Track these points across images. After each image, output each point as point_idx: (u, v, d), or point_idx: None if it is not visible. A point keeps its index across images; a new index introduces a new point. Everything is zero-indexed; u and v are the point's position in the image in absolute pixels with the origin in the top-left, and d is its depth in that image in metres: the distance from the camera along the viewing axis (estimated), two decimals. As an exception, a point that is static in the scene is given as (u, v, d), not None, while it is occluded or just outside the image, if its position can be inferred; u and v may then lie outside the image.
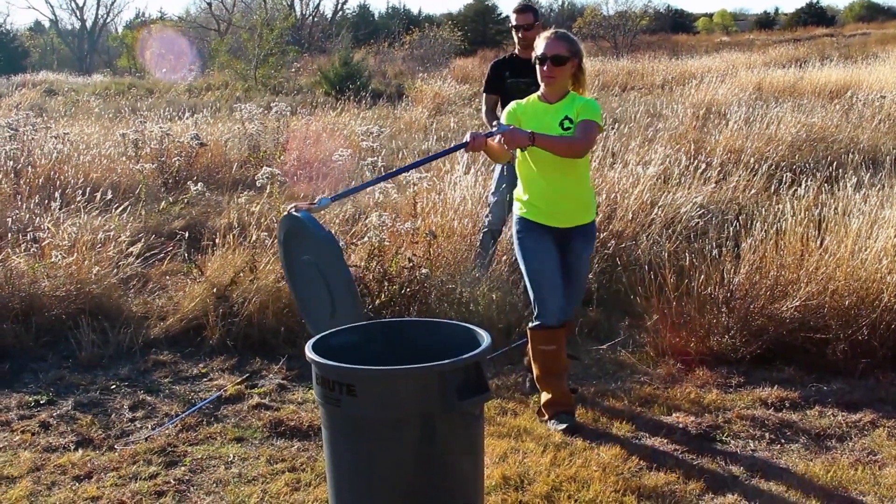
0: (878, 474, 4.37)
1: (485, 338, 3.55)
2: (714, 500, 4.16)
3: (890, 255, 5.89)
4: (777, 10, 71.21)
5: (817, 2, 62.49)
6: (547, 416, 5.01)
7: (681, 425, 4.95)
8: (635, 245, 7.16)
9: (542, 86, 5.02)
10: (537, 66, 4.98)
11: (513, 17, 6.91)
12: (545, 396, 5.04)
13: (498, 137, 4.68)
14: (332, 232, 3.56)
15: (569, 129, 4.87)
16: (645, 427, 4.95)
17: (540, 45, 4.96)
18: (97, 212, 7.79)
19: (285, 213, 3.77)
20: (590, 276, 5.29)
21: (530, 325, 5.05)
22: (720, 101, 15.94)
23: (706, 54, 33.73)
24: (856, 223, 6.23)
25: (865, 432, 4.86)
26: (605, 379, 5.67)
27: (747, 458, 4.57)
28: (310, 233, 3.92)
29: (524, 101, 5.12)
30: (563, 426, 4.87)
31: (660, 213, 7.70)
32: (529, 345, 5.10)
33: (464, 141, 4.72)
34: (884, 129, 12.84)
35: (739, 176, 9.11)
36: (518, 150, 4.98)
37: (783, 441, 4.76)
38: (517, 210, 5.09)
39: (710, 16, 69.24)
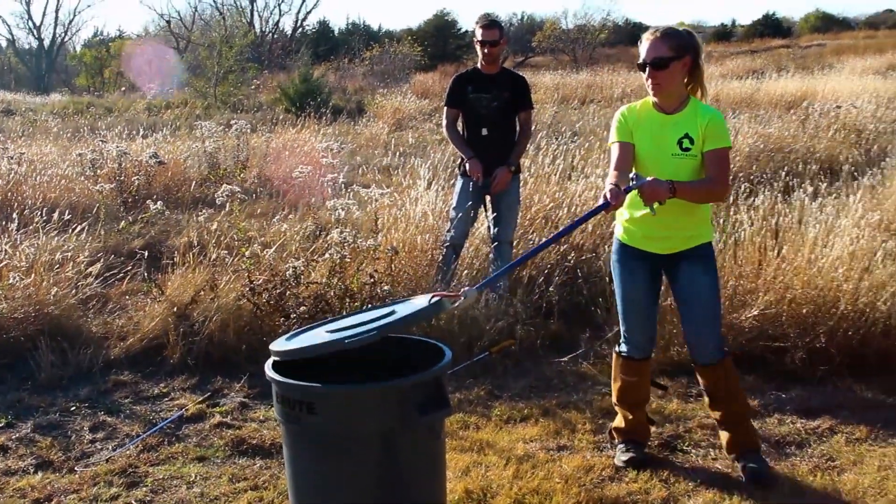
0: (837, 480, 4.43)
1: (445, 353, 3.55)
2: (676, 510, 4.19)
3: (846, 263, 5.98)
4: (734, 21, 71.90)
5: (773, 14, 63.48)
6: (616, 441, 4.79)
7: (643, 436, 4.97)
8: (596, 257, 7.19)
9: (651, 94, 4.44)
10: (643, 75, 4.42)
11: (478, 33, 6.87)
12: (618, 421, 4.82)
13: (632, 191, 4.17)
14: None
15: (688, 149, 4.31)
16: (607, 438, 4.96)
17: (641, 50, 4.37)
18: (55, 232, 7.74)
19: (436, 300, 3.62)
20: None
21: (616, 348, 4.78)
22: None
23: (665, 66, 33.97)
24: (812, 232, 6.32)
25: (824, 439, 4.92)
26: (566, 391, 5.70)
27: (708, 467, 4.61)
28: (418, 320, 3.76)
29: (637, 106, 4.53)
30: (626, 458, 4.64)
31: (620, 224, 7.73)
32: (613, 368, 4.84)
33: (602, 203, 4.12)
34: (839, 138, 13.02)
35: (698, 187, 9.15)
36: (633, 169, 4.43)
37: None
38: (616, 231, 4.68)
39: (668, 28, 69.70)
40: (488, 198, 6.95)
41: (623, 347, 4.69)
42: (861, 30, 59.53)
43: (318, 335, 3.60)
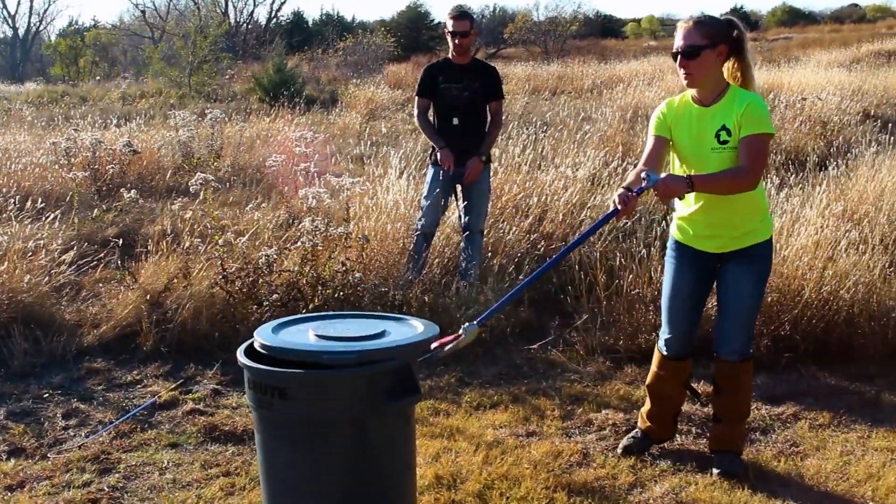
0: (801, 465, 4.52)
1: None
2: (643, 495, 4.25)
3: (810, 252, 6.07)
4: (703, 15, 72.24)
5: (741, 7, 63.94)
6: (638, 426, 4.79)
7: (611, 422, 5.04)
8: (565, 245, 7.23)
9: (685, 85, 4.24)
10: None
11: (449, 24, 6.93)
12: (645, 407, 4.78)
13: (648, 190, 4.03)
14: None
15: (726, 142, 4.10)
16: (575, 424, 5.04)
17: (675, 38, 4.17)
18: (29, 220, 7.71)
19: (436, 347, 3.61)
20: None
21: (658, 339, 4.67)
22: (647, 105, 16.13)
23: (634, 59, 34.19)
24: (778, 222, 6.40)
25: (788, 425, 5.02)
26: (535, 378, 5.76)
27: (675, 452, 4.69)
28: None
29: (676, 101, 4.34)
30: (623, 446, 4.68)
31: (590, 214, 7.79)
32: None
33: (612, 210, 3.99)
34: (805, 129, 13.14)
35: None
36: (677, 161, 4.34)
37: (709, 434, 4.86)
38: (671, 228, 4.53)
39: (639, 21, 69.91)
40: (459, 187, 7.00)
41: (659, 341, 4.62)
42: (827, 24, 60.23)
43: (304, 335, 3.57)
